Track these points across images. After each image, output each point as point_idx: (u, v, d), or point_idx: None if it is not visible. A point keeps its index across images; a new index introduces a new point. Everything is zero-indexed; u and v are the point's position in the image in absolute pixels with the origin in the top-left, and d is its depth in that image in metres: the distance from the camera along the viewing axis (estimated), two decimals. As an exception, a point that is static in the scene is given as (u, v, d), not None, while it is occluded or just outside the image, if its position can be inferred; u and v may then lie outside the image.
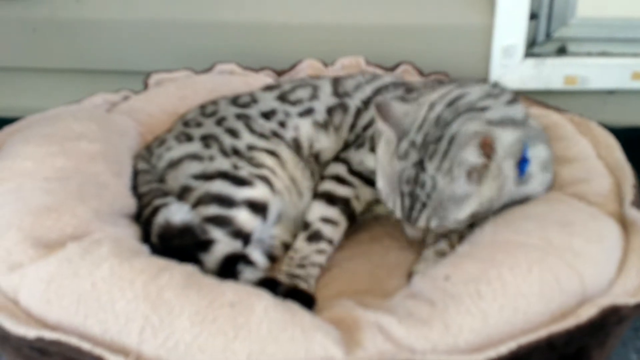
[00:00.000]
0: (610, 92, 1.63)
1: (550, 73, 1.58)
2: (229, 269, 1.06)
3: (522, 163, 1.07)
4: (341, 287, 1.11)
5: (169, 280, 0.89)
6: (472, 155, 0.99)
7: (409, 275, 1.11)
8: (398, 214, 1.06)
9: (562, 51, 1.60)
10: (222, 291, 0.89)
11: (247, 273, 1.07)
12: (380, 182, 1.09)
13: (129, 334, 0.85)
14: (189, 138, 1.25)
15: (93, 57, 1.71)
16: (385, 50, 1.58)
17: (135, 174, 1.23)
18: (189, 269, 0.95)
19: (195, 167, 1.19)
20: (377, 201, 1.22)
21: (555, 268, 0.92)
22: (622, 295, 0.91)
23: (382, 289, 1.06)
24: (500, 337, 0.86)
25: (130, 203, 1.15)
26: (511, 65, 1.58)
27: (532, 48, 1.60)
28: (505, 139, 1.03)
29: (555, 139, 1.24)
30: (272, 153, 1.23)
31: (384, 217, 1.24)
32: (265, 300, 0.89)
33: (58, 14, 1.67)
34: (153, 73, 1.51)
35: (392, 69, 1.53)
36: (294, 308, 0.90)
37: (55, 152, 1.12)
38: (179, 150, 1.23)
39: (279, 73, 1.56)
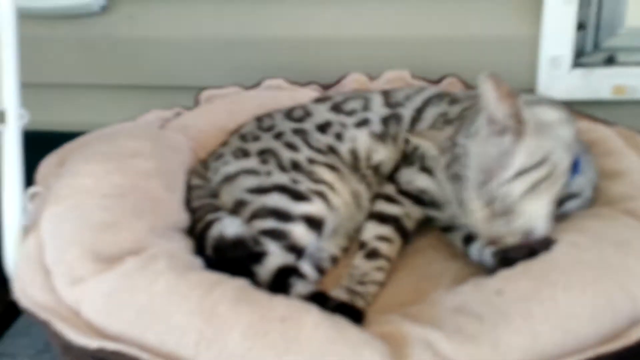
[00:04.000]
0: (660, 102, 1.60)
1: (599, 83, 1.56)
2: (281, 280, 1.08)
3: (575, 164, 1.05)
4: (387, 301, 1.12)
5: (222, 295, 0.92)
6: (492, 105, 0.97)
7: None
8: (455, 208, 1.04)
9: (610, 61, 1.57)
10: (272, 306, 0.91)
11: (299, 286, 1.09)
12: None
13: (185, 346, 0.87)
14: (246, 154, 1.28)
15: (146, 74, 1.77)
16: (430, 62, 1.58)
17: (189, 189, 1.27)
18: (241, 283, 0.98)
19: (251, 182, 1.22)
20: (428, 219, 1.23)
21: (610, 290, 0.90)
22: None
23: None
24: (548, 358, 0.86)
25: (183, 218, 1.19)
26: (559, 76, 1.56)
27: (580, 58, 1.58)
28: (550, 115, 1.04)
29: (603, 153, 1.23)
30: (332, 167, 1.25)
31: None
32: (314, 315, 0.91)
33: (113, 33, 1.73)
34: (204, 90, 1.55)
35: (437, 81, 1.53)
36: (342, 323, 0.91)
37: (112, 170, 1.15)
38: (235, 165, 1.26)
39: (325, 87, 1.58)
